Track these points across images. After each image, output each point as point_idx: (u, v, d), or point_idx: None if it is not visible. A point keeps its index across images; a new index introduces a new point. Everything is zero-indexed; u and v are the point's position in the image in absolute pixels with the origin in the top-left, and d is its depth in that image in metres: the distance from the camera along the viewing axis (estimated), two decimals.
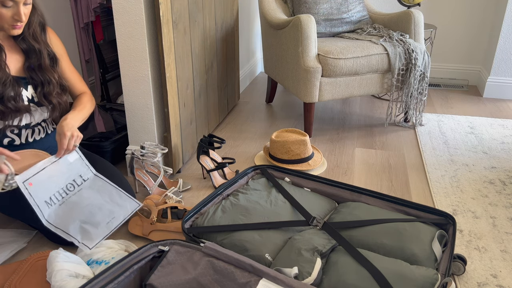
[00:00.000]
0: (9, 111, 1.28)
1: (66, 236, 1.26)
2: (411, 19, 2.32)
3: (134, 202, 1.43)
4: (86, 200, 1.36)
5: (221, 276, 1.06)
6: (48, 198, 1.31)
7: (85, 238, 1.28)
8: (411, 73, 2.21)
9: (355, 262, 1.16)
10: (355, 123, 2.52)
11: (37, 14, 1.33)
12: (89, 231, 1.28)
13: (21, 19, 1.21)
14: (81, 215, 1.31)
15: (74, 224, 1.29)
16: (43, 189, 1.31)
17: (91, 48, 2.34)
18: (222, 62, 2.34)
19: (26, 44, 1.33)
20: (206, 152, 1.85)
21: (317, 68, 2.10)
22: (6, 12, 1.19)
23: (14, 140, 1.37)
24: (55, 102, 1.39)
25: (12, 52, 1.33)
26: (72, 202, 1.35)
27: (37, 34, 1.34)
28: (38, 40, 1.34)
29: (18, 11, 1.20)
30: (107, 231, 1.31)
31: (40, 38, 1.35)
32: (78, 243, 1.26)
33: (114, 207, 1.38)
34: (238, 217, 1.38)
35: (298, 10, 2.48)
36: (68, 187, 1.37)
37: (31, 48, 1.33)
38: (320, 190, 1.61)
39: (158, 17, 1.58)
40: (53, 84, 1.38)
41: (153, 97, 1.74)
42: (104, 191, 1.42)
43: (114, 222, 1.35)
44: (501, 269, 1.33)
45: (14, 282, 1.17)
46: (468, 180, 1.86)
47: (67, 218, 1.30)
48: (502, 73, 2.94)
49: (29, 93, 1.35)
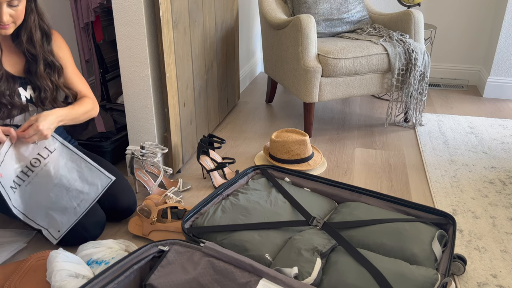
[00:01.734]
0: (3, 106, 1.27)
1: (34, 225, 1.26)
2: (411, 19, 2.32)
3: (105, 177, 1.35)
4: (53, 180, 1.29)
5: (221, 276, 1.06)
6: (12, 181, 1.23)
7: (52, 227, 1.26)
8: (411, 73, 2.21)
9: (355, 262, 1.16)
10: (355, 123, 2.52)
11: (37, 19, 1.30)
12: (56, 219, 1.26)
13: (1, 19, 1.19)
14: (47, 200, 1.27)
15: (40, 211, 1.27)
16: (8, 173, 1.22)
17: (91, 48, 2.34)
18: (222, 62, 2.34)
19: (21, 48, 1.31)
20: (206, 152, 1.85)
21: (317, 68, 2.10)
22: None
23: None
24: (49, 108, 1.37)
25: (13, 52, 1.32)
26: (38, 183, 1.27)
27: (36, 39, 1.31)
28: (35, 46, 1.32)
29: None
30: (74, 218, 1.29)
31: (39, 44, 1.32)
32: (45, 231, 1.25)
33: (83, 186, 1.32)
34: (238, 217, 1.38)
35: (298, 10, 2.48)
36: (33, 163, 1.27)
37: (26, 52, 1.32)
38: (320, 190, 1.61)
39: (158, 17, 1.58)
40: (47, 92, 1.35)
41: (153, 97, 1.74)
42: (73, 166, 1.33)
43: (82, 205, 1.32)
44: (501, 269, 1.33)
45: (14, 282, 1.17)
46: (468, 180, 1.86)
47: (34, 204, 1.27)
48: (502, 73, 2.94)
49: (27, 93, 1.34)
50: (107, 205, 1.47)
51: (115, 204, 1.48)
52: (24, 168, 1.26)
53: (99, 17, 2.35)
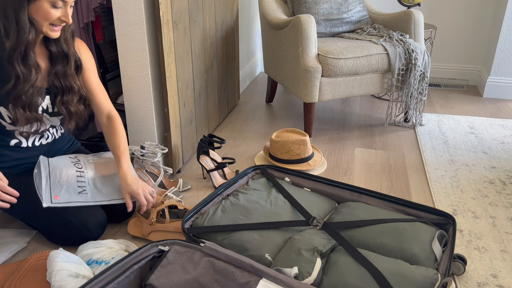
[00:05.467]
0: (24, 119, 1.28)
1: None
2: (411, 19, 2.32)
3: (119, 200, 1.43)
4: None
5: (221, 276, 1.06)
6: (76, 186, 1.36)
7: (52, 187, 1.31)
8: (411, 73, 2.21)
9: (355, 262, 1.16)
10: (355, 123, 2.52)
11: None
12: (59, 187, 1.31)
13: (68, 20, 1.21)
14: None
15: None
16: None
17: (91, 48, 2.34)
18: (222, 62, 2.34)
19: (57, 48, 1.31)
20: (206, 152, 1.85)
21: (317, 68, 2.10)
22: (54, 13, 1.19)
23: (21, 142, 1.37)
24: (73, 110, 1.38)
25: (39, 59, 1.32)
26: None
27: (68, 39, 1.33)
28: (69, 45, 1.34)
29: (66, 12, 1.20)
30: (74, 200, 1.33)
31: (71, 43, 1.35)
32: (44, 186, 1.28)
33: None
34: (238, 217, 1.38)
35: (298, 10, 2.48)
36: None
37: (60, 52, 1.32)
38: (320, 190, 1.61)
39: (158, 17, 1.58)
40: (74, 92, 1.37)
41: (153, 97, 1.74)
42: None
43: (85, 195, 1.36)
44: (501, 269, 1.33)
45: (14, 282, 1.17)
46: (468, 180, 1.86)
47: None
48: (502, 73, 2.94)
49: (45, 103, 1.34)
50: (106, 206, 1.47)
51: (114, 204, 1.48)
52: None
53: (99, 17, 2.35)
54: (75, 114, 1.41)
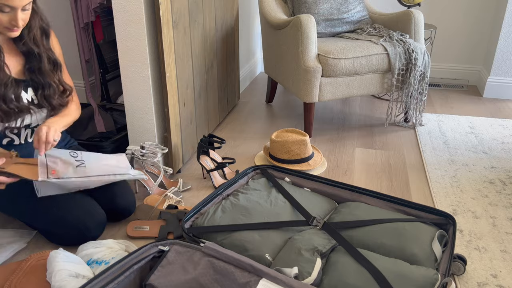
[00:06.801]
0: (12, 112, 1.28)
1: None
2: (411, 19, 2.32)
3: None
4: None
5: (221, 276, 1.06)
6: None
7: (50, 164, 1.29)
8: (411, 73, 2.21)
9: (355, 262, 1.16)
10: (355, 123, 2.52)
11: (38, 18, 1.33)
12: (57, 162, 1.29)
13: (17, 24, 1.21)
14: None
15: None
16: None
17: (91, 48, 2.34)
18: (222, 62, 2.34)
19: (26, 48, 1.33)
20: (206, 152, 1.85)
21: (317, 68, 2.10)
22: (2, 17, 1.19)
23: (13, 140, 1.37)
24: (55, 104, 1.39)
25: (12, 54, 1.33)
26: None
27: (38, 38, 1.34)
28: (39, 44, 1.34)
29: (15, 17, 1.20)
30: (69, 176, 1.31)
31: (41, 42, 1.35)
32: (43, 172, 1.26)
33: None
34: (238, 217, 1.38)
35: (298, 10, 2.48)
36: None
37: (31, 51, 1.33)
38: (320, 190, 1.61)
39: (158, 17, 1.58)
40: (53, 88, 1.38)
41: (153, 97, 1.74)
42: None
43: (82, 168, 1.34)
44: (501, 269, 1.33)
45: (14, 282, 1.17)
46: (468, 180, 1.86)
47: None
48: (502, 73, 2.94)
49: (28, 95, 1.35)
50: (105, 206, 1.47)
51: (114, 204, 1.48)
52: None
53: (99, 17, 2.35)
54: (59, 107, 1.41)
